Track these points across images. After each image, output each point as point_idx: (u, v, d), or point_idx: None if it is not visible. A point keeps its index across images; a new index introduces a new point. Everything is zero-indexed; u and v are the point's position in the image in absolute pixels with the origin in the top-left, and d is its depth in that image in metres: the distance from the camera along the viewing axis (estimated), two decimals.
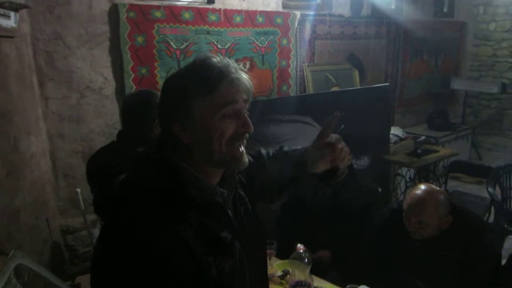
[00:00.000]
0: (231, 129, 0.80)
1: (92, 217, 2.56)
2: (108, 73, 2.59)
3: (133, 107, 1.70)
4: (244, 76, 0.82)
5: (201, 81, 0.79)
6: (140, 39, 2.66)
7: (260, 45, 3.30)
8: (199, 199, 0.80)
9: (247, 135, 0.84)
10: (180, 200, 0.77)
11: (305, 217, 2.18)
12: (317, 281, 1.63)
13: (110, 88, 2.61)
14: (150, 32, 2.69)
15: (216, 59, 0.81)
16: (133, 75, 2.67)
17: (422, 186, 1.65)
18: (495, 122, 5.89)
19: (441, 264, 1.60)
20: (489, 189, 3.07)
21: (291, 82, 3.59)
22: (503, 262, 1.72)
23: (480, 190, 4.11)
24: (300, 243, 2.04)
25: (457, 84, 5.28)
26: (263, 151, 1.10)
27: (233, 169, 0.86)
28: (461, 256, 1.57)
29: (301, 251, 1.50)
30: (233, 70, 0.81)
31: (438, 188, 1.67)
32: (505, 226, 2.82)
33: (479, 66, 5.87)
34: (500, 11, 5.48)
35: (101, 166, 1.59)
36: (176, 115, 0.80)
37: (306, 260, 1.49)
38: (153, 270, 0.69)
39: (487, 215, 3.14)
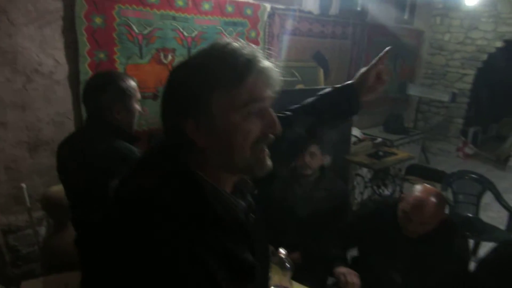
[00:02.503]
0: (256, 130, 0.68)
1: (37, 214, 2.30)
2: (61, 56, 2.31)
3: (87, 92, 1.53)
4: (273, 66, 0.70)
5: (225, 71, 0.65)
6: (98, 20, 2.41)
7: (228, 36, 3.15)
8: (222, 218, 0.68)
9: (272, 136, 0.71)
10: (203, 219, 0.65)
11: (276, 218, 2.11)
12: (296, 286, 1.59)
13: (62, 72, 2.34)
14: (110, 13, 2.45)
15: (240, 44, 0.68)
16: (89, 60, 2.42)
17: (422, 188, 1.69)
18: (442, 129, 6.22)
19: (420, 259, 1.66)
20: (443, 193, 3.20)
21: None
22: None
23: None
24: (270, 244, 1.98)
25: (413, 90, 5.49)
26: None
27: (255, 175, 0.73)
28: (439, 254, 1.65)
29: (283, 256, 1.42)
30: (262, 59, 0.68)
31: (435, 188, 1.72)
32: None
33: (432, 74, 6.15)
34: (455, 23, 5.75)
35: (74, 156, 1.45)
36: (190, 112, 0.66)
37: (287, 264, 1.41)
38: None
39: None
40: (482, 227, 3.07)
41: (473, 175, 3.29)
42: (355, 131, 4.54)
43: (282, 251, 1.45)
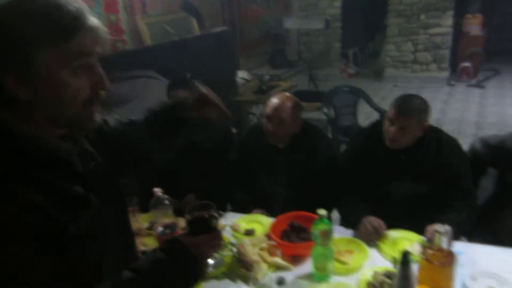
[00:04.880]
0: (86, 87, 0.70)
1: None
2: None
3: None
4: (100, 24, 0.70)
5: (51, 26, 0.64)
6: None
7: (79, 1, 2.92)
8: (39, 157, 0.69)
9: (103, 92, 0.74)
10: (18, 161, 0.66)
11: (163, 167, 2.15)
12: (183, 221, 1.64)
13: None
14: None
15: None
16: None
17: (278, 95, 1.83)
18: (324, 56, 6.67)
19: (294, 167, 1.82)
20: (324, 109, 3.53)
21: (125, 38, 3.34)
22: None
23: (319, 115, 4.72)
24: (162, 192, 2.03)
25: (289, 24, 5.73)
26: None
27: (86, 130, 0.77)
28: (308, 159, 1.81)
29: (159, 194, 1.47)
30: (90, 16, 0.68)
31: (290, 94, 1.86)
32: (339, 137, 3.32)
33: (306, 5, 6.45)
34: None
35: None
36: (11, 67, 0.64)
37: (166, 201, 1.47)
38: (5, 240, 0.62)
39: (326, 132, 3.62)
40: None
41: (346, 88, 3.65)
42: (243, 74, 4.67)
43: (157, 189, 1.49)
